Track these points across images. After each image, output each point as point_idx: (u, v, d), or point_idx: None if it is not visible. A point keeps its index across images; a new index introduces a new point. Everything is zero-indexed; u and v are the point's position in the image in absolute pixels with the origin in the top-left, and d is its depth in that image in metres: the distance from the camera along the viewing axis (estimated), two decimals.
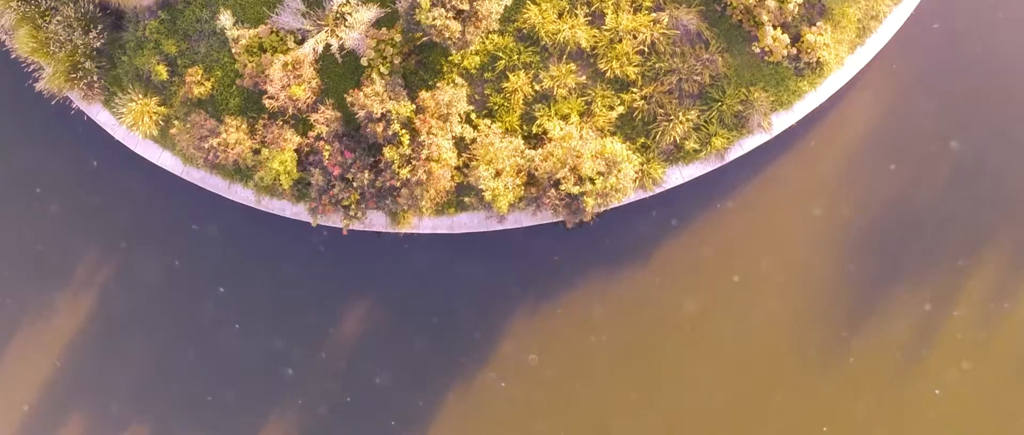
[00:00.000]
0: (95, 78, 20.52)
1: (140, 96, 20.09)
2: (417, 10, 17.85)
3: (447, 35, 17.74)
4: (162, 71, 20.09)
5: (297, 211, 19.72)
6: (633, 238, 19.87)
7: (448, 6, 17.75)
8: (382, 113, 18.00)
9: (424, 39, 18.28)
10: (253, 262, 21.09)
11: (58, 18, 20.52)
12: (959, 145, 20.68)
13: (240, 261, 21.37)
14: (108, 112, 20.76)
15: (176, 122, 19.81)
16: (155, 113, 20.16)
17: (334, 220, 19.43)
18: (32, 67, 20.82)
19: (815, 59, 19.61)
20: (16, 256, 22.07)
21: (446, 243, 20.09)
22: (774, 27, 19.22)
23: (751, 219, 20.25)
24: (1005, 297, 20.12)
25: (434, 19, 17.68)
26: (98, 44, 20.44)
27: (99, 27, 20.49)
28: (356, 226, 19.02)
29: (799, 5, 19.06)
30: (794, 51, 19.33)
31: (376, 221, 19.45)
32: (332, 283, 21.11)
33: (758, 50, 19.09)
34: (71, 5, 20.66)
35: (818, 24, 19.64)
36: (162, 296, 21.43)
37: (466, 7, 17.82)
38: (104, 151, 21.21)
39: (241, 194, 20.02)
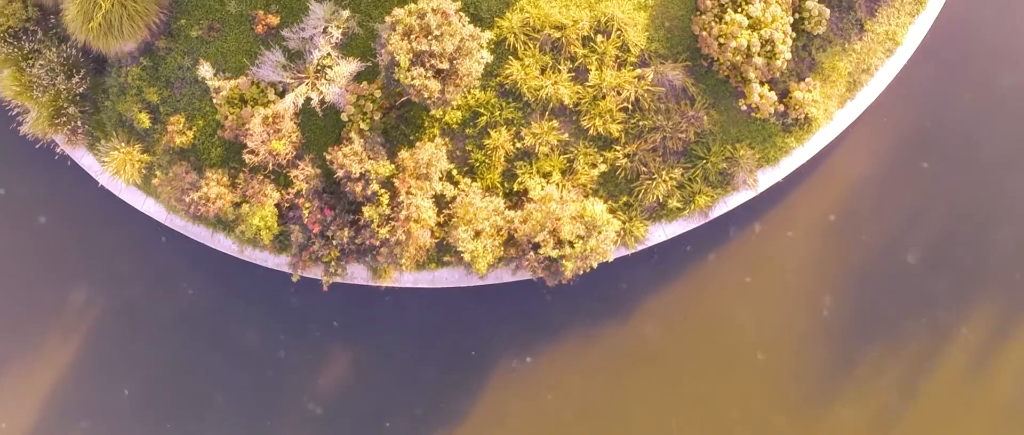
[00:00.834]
0: (79, 123, 20.58)
1: (123, 144, 20.08)
2: (396, 68, 17.66)
3: (426, 95, 17.55)
4: (144, 119, 20.03)
5: (279, 262, 19.71)
6: (616, 293, 19.81)
7: (427, 65, 17.56)
8: (361, 173, 17.91)
9: (404, 99, 18.19)
10: (237, 307, 21.26)
11: (41, 62, 20.55)
12: (949, 201, 20.49)
13: (221, 306, 21.45)
14: (92, 156, 20.88)
15: (158, 172, 19.76)
16: (138, 161, 20.16)
17: (316, 272, 19.53)
18: (16, 111, 20.97)
19: (803, 115, 19.32)
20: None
21: (427, 294, 20.17)
22: (761, 83, 18.95)
23: (732, 274, 20.15)
24: (985, 361, 20.06)
25: (413, 78, 17.48)
26: (81, 89, 20.38)
27: (82, 72, 20.46)
28: (337, 279, 19.11)
29: (787, 61, 18.83)
30: (782, 108, 19.06)
31: (357, 274, 19.44)
32: (309, 328, 21.23)
33: (745, 107, 18.82)
34: (53, 49, 20.79)
35: (807, 80, 19.35)
36: (148, 337, 21.73)
37: (446, 66, 17.63)
38: (90, 193, 21.36)
39: (224, 243, 20.03)
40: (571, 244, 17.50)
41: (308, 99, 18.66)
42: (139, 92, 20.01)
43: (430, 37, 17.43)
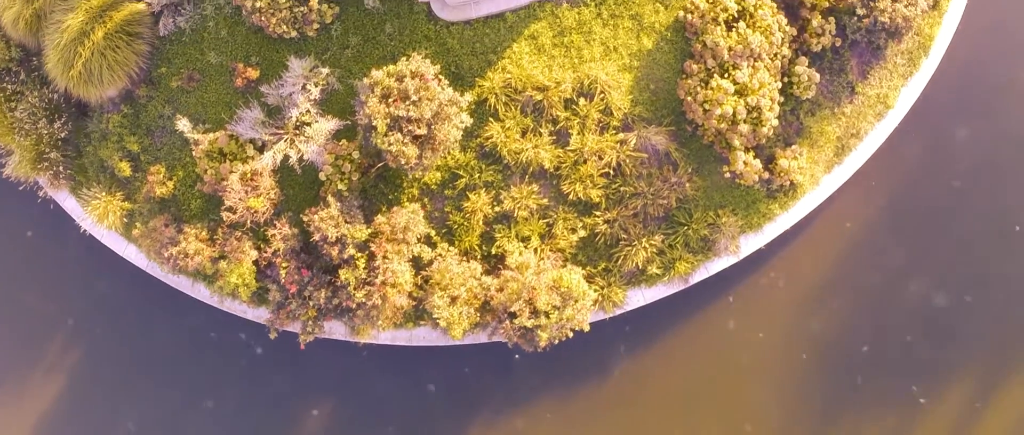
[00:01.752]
0: (61, 168, 20.56)
1: (104, 192, 20.02)
2: (373, 133, 17.47)
3: (403, 161, 17.32)
4: (125, 168, 19.92)
5: (258, 314, 19.71)
6: (593, 356, 19.70)
7: (405, 130, 17.37)
8: (337, 237, 17.81)
9: (382, 163, 18.01)
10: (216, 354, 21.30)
11: (24, 104, 20.47)
12: (938, 270, 20.13)
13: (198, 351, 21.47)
14: (75, 200, 20.86)
15: (138, 224, 19.76)
16: (119, 208, 20.09)
17: (295, 327, 19.48)
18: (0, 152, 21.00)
19: (788, 182, 19.04)
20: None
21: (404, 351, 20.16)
22: (747, 150, 18.63)
23: (715, 337, 20.03)
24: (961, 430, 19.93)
25: (390, 144, 17.25)
26: (63, 134, 20.27)
27: (64, 118, 20.31)
28: (314, 337, 19.10)
29: (774, 128, 18.47)
30: (767, 175, 18.75)
31: (336, 329, 19.44)
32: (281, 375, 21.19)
33: (729, 173, 18.50)
34: (36, 92, 20.61)
35: (794, 146, 19.00)
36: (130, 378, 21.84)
37: (423, 132, 17.42)
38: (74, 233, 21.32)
39: (204, 293, 20.01)
40: (547, 314, 17.36)
41: (286, 156, 18.60)
42: (120, 140, 19.91)
43: (408, 102, 17.24)
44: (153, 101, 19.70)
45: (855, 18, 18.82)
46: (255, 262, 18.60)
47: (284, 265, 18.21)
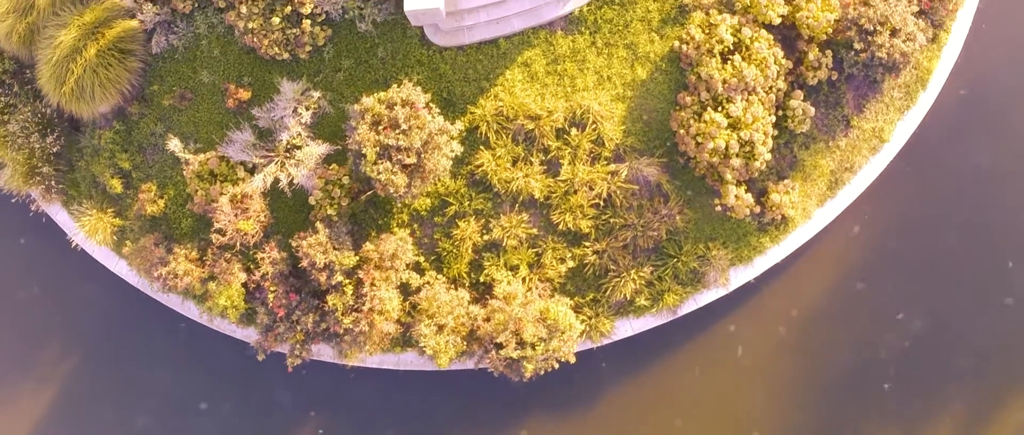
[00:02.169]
0: (53, 182, 20.56)
1: (95, 208, 20.05)
2: (363, 160, 17.44)
3: (392, 189, 17.29)
4: (117, 185, 19.93)
5: (247, 334, 19.76)
6: (580, 383, 19.72)
7: (394, 159, 17.31)
8: (325, 263, 17.81)
9: (371, 192, 17.96)
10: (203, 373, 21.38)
11: (16, 118, 20.46)
12: (925, 307, 19.94)
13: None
14: (67, 214, 20.88)
15: (128, 242, 19.81)
16: (111, 224, 20.12)
17: (283, 348, 19.47)
18: None
19: (780, 216, 18.94)
20: None
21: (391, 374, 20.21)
22: (739, 183, 18.53)
23: (700, 371, 20.00)
24: None
25: (379, 172, 17.21)
26: (55, 149, 20.29)
27: (56, 133, 20.34)
28: (301, 360, 19.15)
29: (767, 162, 18.36)
30: (758, 209, 18.66)
31: (324, 351, 19.47)
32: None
33: (720, 207, 18.42)
34: (29, 105, 20.60)
35: (787, 180, 18.89)
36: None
37: (413, 160, 17.36)
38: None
39: (193, 311, 20.07)
40: (533, 346, 17.37)
41: (277, 180, 18.54)
42: (112, 156, 19.91)
43: (398, 130, 17.18)
44: (145, 118, 19.69)
45: (852, 52, 18.66)
46: (244, 284, 18.66)
47: (272, 289, 18.23)
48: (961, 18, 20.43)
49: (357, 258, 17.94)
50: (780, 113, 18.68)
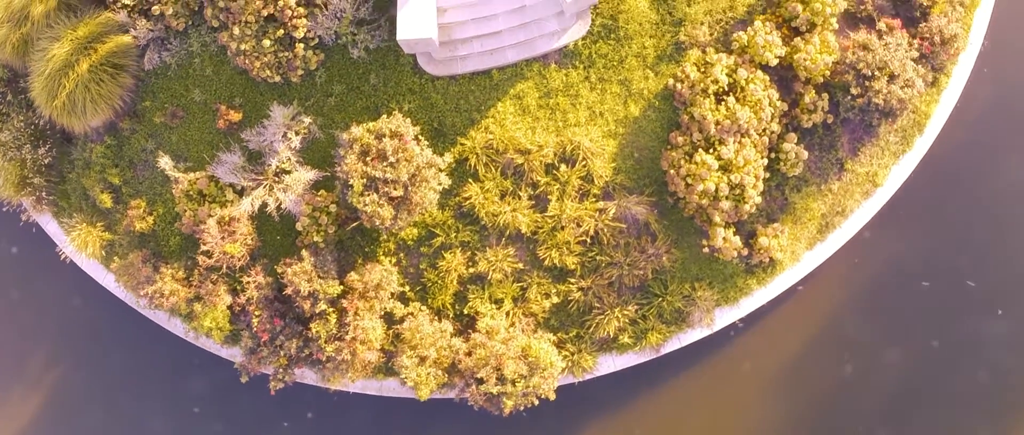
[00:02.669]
0: (43, 193, 20.58)
1: (85, 222, 20.05)
2: (350, 192, 17.38)
3: (378, 221, 17.26)
4: (107, 200, 19.93)
5: (231, 353, 19.81)
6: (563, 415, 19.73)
7: (381, 191, 17.25)
8: (310, 291, 17.83)
9: (357, 222, 17.92)
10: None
11: (9, 127, 20.44)
12: (907, 351, 19.87)
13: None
14: (57, 224, 20.91)
15: (116, 258, 19.85)
16: (99, 238, 20.17)
17: (268, 369, 19.52)
18: None
19: (768, 259, 18.83)
20: None
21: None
22: (727, 226, 18.40)
23: (684, 408, 19.95)
24: None
25: (366, 204, 17.17)
26: (47, 160, 20.30)
27: (48, 144, 20.31)
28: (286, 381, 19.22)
29: (756, 205, 18.21)
30: (746, 251, 18.57)
31: (307, 375, 19.52)
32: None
33: (707, 248, 18.31)
34: (22, 115, 20.57)
35: (776, 224, 18.72)
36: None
37: (400, 193, 17.29)
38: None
39: (180, 327, 20.14)
40: (513, 382, 17.37)
41: (264, 204, 18.50)
42: (102, 170, 19.89)
43: (386, 163, 17.10)
44: (137, 134, 19.64)
45: (849, 97, 18.43)
46: (230, 306, 18.72)
47: (257, 313, 18.26)
48: (962, 62, 20.21)
49: (341, 287, 17.96)
50: (773, 155, 18.52)
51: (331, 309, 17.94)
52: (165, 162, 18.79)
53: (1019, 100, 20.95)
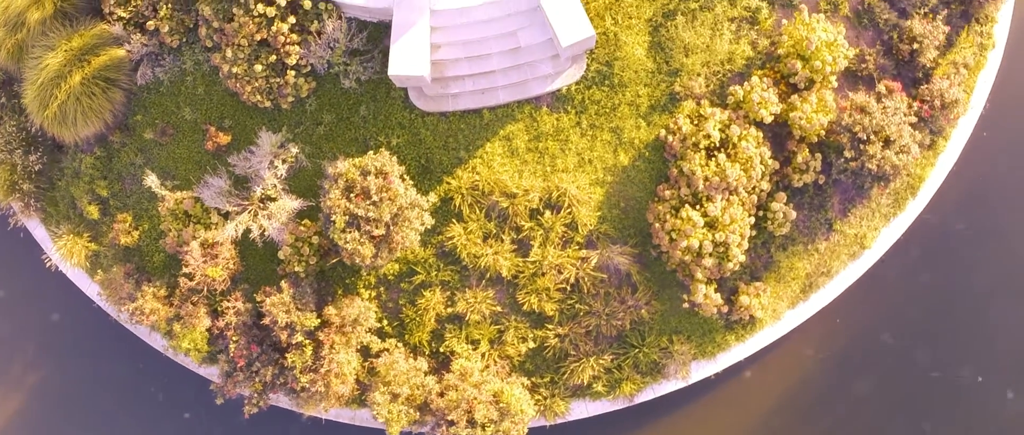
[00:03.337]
0: (32, 200, 20.64)
1: (71, 231, 20.11)
2: (331, 226, 17.35)
3: (358, 259, 17.24)
4: (94, 211, 19.96)
5: (209, 372, 19.92)
6: None
7: (363, 229, 17.19)
8: (287, 322, 17.87)
9: (337, 259, 17.90)
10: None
11: (2, 130, 20.44)
12: (882, 410, 19.66)
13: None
14: (44, 230, 20.99)
15: (99, 271, 19.94)
16: (85, 248, 20.23)
17: (244, 391, 19.68)
18: None
19: (748, 316, 18.71)
20: None
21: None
22: (709, 282, 18.27)
23: None
24: None
25: (347, 241, 17.14)
26: (37, 167, 20.35)
27: (40, 151, 20.32)
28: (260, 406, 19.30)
29: (740, 263, 18.06)
30: (726, 308, 18.43)
31: (282, 400, 19.57)
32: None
33: (688, 303, 18.22)
34: (14, 119, 20.57)
35: (758, 283, 18.56)
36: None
37: (382, 232, 17.24)
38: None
39: (160, 342, 20.24)
40: (483, 427, 17.42)
41: (248, 230, 18.49)
42: (91, 181, 19.92)
43: (369, 201, 17.04)
44: (126, 148, 19.62)
45: (843, 159, 18.20)
46: (208, 329, 18.81)
47: (235, 339, 18.32)
48: (962, 125, 19.94)
49: (319, 320, 18.00)
50: (761, 213, 18.37)
51: (308, 341, 17.98)
52: (152, 180, 18.77)
53: (1019, 165, 20.78)
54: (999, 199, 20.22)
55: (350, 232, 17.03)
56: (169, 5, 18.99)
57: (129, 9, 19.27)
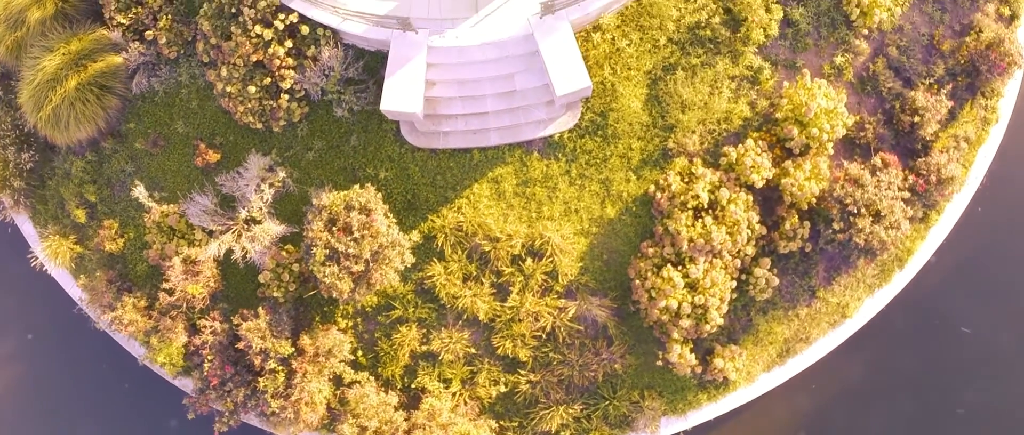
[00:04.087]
0: (22, 197, 20.72)
1: (58, 233, 20.14)
2: (312, 258, 17.34)
3: (335, 293, 17.23)
4: (81, 215, 20.03)
5: (183, 383, 20.04)
6: None
7: (342, 264, 17.17)
8: (262, 348, 17.94)
9: (315, 291, 17.91)
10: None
11: None
12: None
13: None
14: (32, 226, 21.06)
15: (83, 275, 20.03)
16: (70, 250, 20.34)
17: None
18: None
19: (721, 377, 18.65)
20: None
21: None
22: (685, 341, 18.19)
23: None
24: None
25: (325, 275, 17.14)
26: (29, 165, 20.40)
27: (32, 150, 20.40)
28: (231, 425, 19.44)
29: (718, 325, 17.97)
30: (700, 369, 18.38)
31: (253, 418, 19.68)
32: None
33: (662, 361, 18.17)
34: (9, 115, 20.62)
35: (734, 346, 18.46)
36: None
37: (360, 269, 17.22)
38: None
39: (139, 350, 20.30)
40: None
41: (231, 250, 18.51)
42: (80, 184, 19.95)
43: (350, 238, 17.01)
44: (117, 155, 19.64)
45: (831, 230, 18.04)
46: (185, 344, 18.93)
47: (210, 358, 18.41)
48: (957, 199, 19.71)
49: (293, 348, 18.10)
50: (743, 277, 18.28)
51: (281, 367, 18.10)
52: (140, 191, 18.79)
53: (1011, 244, 20.48)
54: (987, 278, 20.00)
55: (329, 266, 17.04)
56: (169, 16, 18.98)
57: (129, 16, 19.25)
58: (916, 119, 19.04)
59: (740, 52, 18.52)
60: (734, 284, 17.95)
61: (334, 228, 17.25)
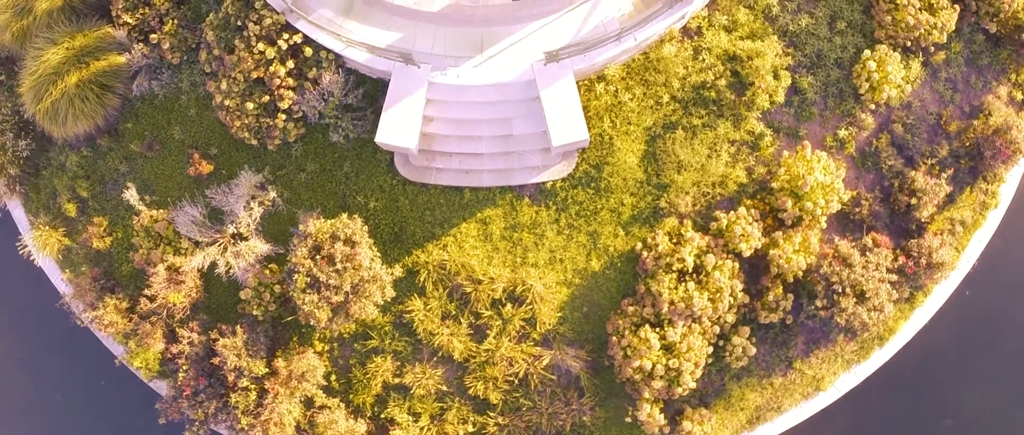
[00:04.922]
0: (17, 184, 20.77)
1: (48, 224, 20.21)
2: (293, 284, 17.36)
3: (313, 321, 17.27)
4: (72, 209, 20.11)
5: (157, 385, 20.16)
6: None
7: (322, 294, 17.19)
8: (236, 366, 18.03)
9: (293, 317, 17.94)
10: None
11: None
12: None
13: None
14: (24, 213, 21.16)
15: (69, 269, 20.14)
16: (60, 242, 20.43)
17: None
18: None
19: None
20: None
21: None
22: (656, 401, 18.18)
23: None
24: None
25: (305, 302, 17.17)
26: (26, 153, 20.45)
27: (29, 138, 20.42)
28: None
29: (690, 389, 17.94)
30: (668, 429, 18.37)
31: (223, 427, 19.88)
32: None
33: (631, 417, 18.17)
34: (9, 101, 20.62)
35: (705, 410, 18.46)
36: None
37: (340, 300, 17.24)
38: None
39: (118, 348, 20.40)
40: None
41: (215, 264, 18.56)
42: (74, 178, 19.99)
43: (332, 268, 17.03)
44: (112, 153, 19.65)
45: (813, 305, 17.98)
46: (162, 351, 19.06)
47: (185, 367, 18.55)
48: (944, 283, 19.54)
49: (267, 369, 18.21)
50: (721, 342, 18.26)
51: (253, 385, 18.23)
52: (131, 193, 18.84)
53: (996, 330, 20.32)
54: (968, 365, 19.95)
55: (310, 294, 17.08)
56: (175, 21, 18.92)
57: (136, 16, 19.19)
58: (913, 200, 18.83)
59: (743, 116, 18.39)
60: (711, 349, 17.98)
61: (318, 256, 17.29)
